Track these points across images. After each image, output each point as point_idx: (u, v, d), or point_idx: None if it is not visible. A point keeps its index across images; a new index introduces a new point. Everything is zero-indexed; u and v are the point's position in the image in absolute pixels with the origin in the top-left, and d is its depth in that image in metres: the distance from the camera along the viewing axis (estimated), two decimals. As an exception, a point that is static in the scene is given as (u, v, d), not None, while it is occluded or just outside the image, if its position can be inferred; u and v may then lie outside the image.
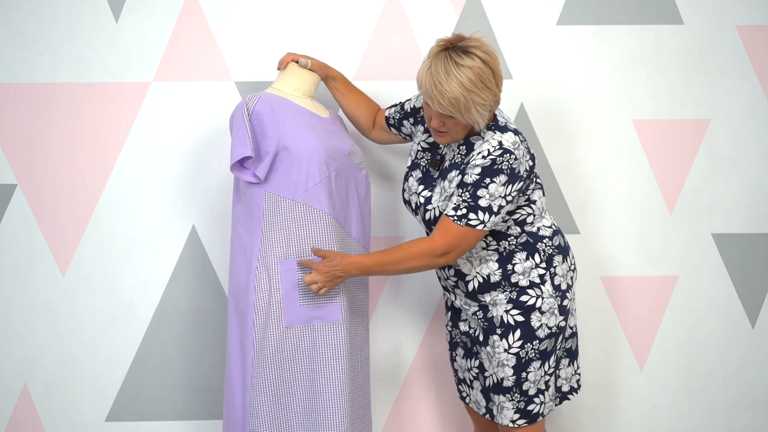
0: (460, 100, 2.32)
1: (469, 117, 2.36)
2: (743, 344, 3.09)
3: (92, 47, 2.96)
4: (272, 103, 2.58)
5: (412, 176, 2.58)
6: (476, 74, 2.32)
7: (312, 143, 2.55)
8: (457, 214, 2.36)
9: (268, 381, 2.53)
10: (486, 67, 2.34)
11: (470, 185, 2.36)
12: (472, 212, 2.36)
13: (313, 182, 2.54)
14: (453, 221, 2.37)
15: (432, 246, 2.40)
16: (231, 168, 2.56)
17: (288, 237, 2.55)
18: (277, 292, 2.53)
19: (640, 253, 3.06)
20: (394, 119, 2.73)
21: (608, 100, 3.03)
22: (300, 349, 2.54)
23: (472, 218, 2.36)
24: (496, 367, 2.52)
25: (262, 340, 2.53)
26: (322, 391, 2.53)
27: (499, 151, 2.37)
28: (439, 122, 2.41)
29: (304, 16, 2.99)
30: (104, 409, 3.03)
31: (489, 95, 2.35)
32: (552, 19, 3.01)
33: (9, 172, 2.98)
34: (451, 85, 2.32)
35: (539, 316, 2.49)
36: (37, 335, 3.01)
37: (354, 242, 2.65)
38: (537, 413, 2.52)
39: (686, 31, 3.02)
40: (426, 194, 2.51)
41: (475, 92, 2.33)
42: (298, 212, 2.55)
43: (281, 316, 2.53)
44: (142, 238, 3.00)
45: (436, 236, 2.40)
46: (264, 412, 2.53)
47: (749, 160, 3.05)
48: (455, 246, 2.39)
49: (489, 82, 2.34)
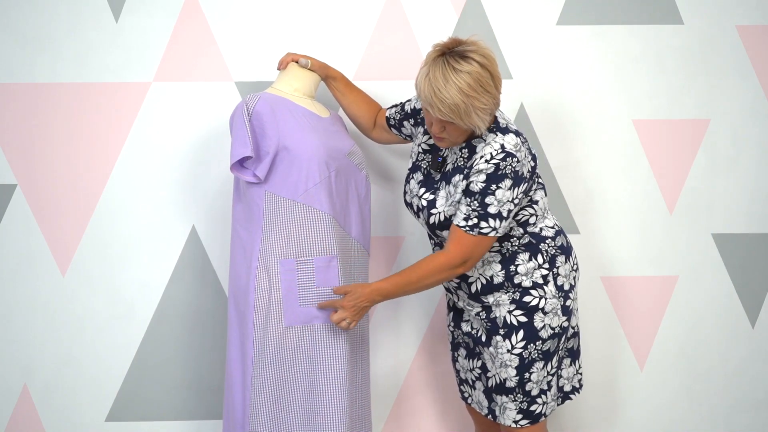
0: (460, 106, 2.31)
1: (469, 122, 2.35)
2: (743, 344, 3.09)
3: (92, 47, 2.96)
4: (272, 103, 2.58)
5: (413, 178, 2.57)
6: (475, 79, 2.31)
7: (312, 143, 2.55)
8: (468, 224, 2.36)
9: (268, 381, 2.53)
10: (484, 71, 2.33)
11: (477, 193, 2.36)
12: (482, 221, 2.36)
13: (313, 182, 2.54)
14: (465, 232, 2.37)
15: (448, 259, 2.40)
16: (231, 168, 2.55)
17: (288, 237, 2.55)
18: (277, 292, 2.53)
19: (640, 253, 3.06)
20: (395, 120, 2.72)
21: (608, 100, 3.02)
22: (300, 350, 2.54)
23: (484, 226, 2.37)
24: (499, 367, 2.52)
25: (262, 340, 2.53)
26: (321, 392, 2.53)
27: (502, 155, 2.36)
28: (440, 128, 2.40)
29: (304, 16, 2.98)
30: (104, 409, 3.03)
31: (489, 99, 2.34)
32: (552, 19, 3.01)
33: (9, 172, 2.98)
34: (450, 91, 2.31)
35: (542, 316, 2.49)
36: (37, 335, 3.01)
37: (354, 242, 2.65)
38: (539, 413, 2.52)
39: (686, 31, 3.02)
40: (429, 197, 2.50)
41: (475, 97, 2.31)
42: (298, 212, 2.55)
43: (281, 316, 2.53)
44: (142, 238, 3.00)
45: (450, 248, 2.40)
46: (264, 413, 2.53)
47: (749, 160, 3.05)
48: (470, 255, 2.40)
49: (488, 85, 2.33)
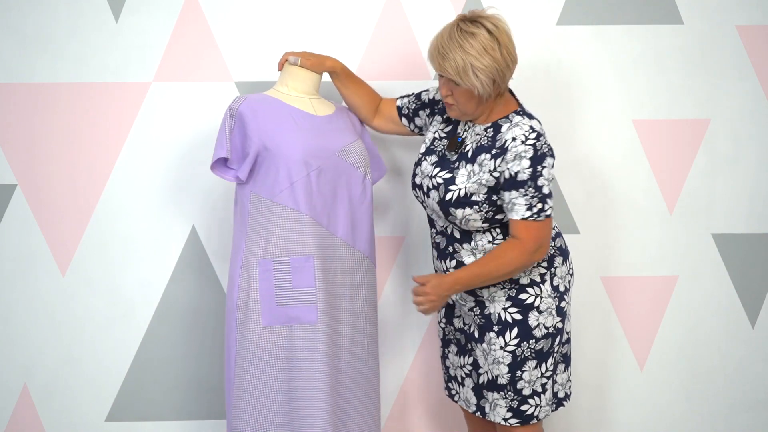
0: (458, 62, 2.36)
1: (468, 81, 2.38)
2: (743, 344, 3.09)
3: (92, 47, 2.96)
4: (257, 104, 2.59)
5: (425, 161, 2.57)
6: (478, 41, 2.36)
7: (290, 143, 2.55)
8: (533, 212, 2.39)
9: (249, 380, 2.55)
10: (491, 37, 2.37)
11: (528, 180, 2.38)
12: (543, 203, 2.40)
13: (289, 182, 2.54)
14: (533, 220, 2.39)
15: (523, 247, 2.40)
16: (211, 168, 2.59)
17: (267, 237, 2.55)
18: (255, 292, 2.55)
19: (640, 253, 3.06)
20: (409, 109, 2.73)
21: (608, 100, 3.02)
22: (278, 349, 2.55)
23: (546, 208, 2.40)
24: (491, 364, 2.52)
25: (242, 340, 2.55)
26: (298, 392, 2.53)
27: (534, 135, 2.40)
28: (447, 90, 2.45)
29: (304, 16, 2.98)
30: (104, 409, 3.03)
31: (489, 61, 2.36)
32: (552, 19, 3.01)
33: (9, 172, 2.98)
34: (451, 47, 2.37)
35: (537, 315, 2.49)
36: (37, 335, 3.01)
37: (341, 242, 2.62)
38: (530, 415, 2.52)
39: (686, 31, 3.02)
40: (445, 176, 2.50)
41: (474, 57, 2.35)
42: (276, 212, 2.55)
43: (259, 315, 2.54)
44: (142, 238, 3.00)
45: (522, 238, 2.40)
46: (246, 411, 2.55)
47: (749, 160, 3.05)
48: (544, 239, 2.42)
49: (491, 49, 2.37)
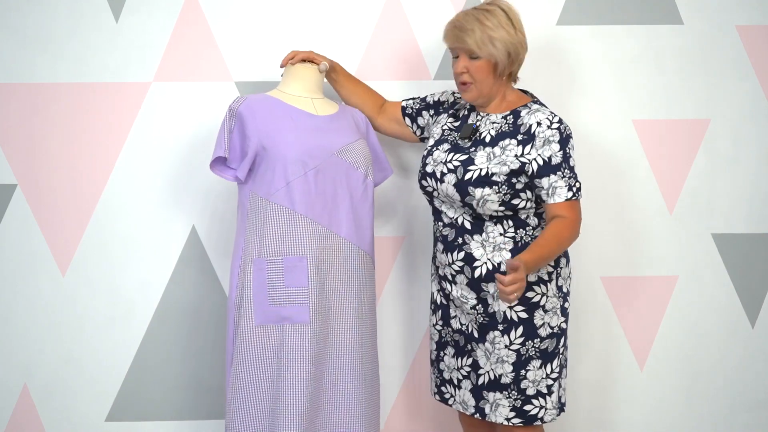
0: (476, 31, 2.48)
1: (486, 51, 2.48)
2: (743, 344, 3.09)
3: (92, 47, 2.96)
4: (257, 104, 2.60)
5: (437, 149, 2.60)
6: (493, 14, 2.50)
7: (286, 142, 2.55)
8: (574, 192, 2.47)
9: (242, 379, 2.56)
10: (506, 17, 2.51)
11: (562, 162, 2.46)
12: (578, 181, 2.49)
13: (285, 181, 2.54)
14: (575, 200, 2.47)
15: (573, 225, 2.47)
16: (210, 167, 2.60)
17: (262, 236, 2.56)
18: (249, 291, 2.56)
19: (640, 253, 3.05)
20: (413, 109, 2.78)
21: (608, 100, 3.02)
22: (269, 349, 2.56)
23: (580, 186, 2.51)
24: (494, 363, 2.51)
25: (237, 338, 2.57)
26: (283, 393, 2.53)
27: (557, 119, 2.50)
28: (462, 66, 2.51)
29: (304, 16, 2.99)
30: (104, 409, 3.03)
31: (504, 33, 2.48)
32: (552, 19, 3.01)
33: (9, 172, 2.98)
34: (468, 20, 2.50)
35: (542, 314, 2.49)
36: (37, 335, 3.01)
37: (344, 241, 2.62)
38: (534, 416, 2.51)
39: (686, 31, 3.02)
40: (462, 158, 2.53)
41: (491, 27, 2.48)
42: (272, 212, 2.56)
43: (252, 314, 2.55)
44: (142, 238, 3.00)
45: (567, 215, 2.46)
46: (240, 409, 2.56)
47: (749, 160, 3.05)
48: (581, 216, 2.51)
49: (506, 24, 2.50)
